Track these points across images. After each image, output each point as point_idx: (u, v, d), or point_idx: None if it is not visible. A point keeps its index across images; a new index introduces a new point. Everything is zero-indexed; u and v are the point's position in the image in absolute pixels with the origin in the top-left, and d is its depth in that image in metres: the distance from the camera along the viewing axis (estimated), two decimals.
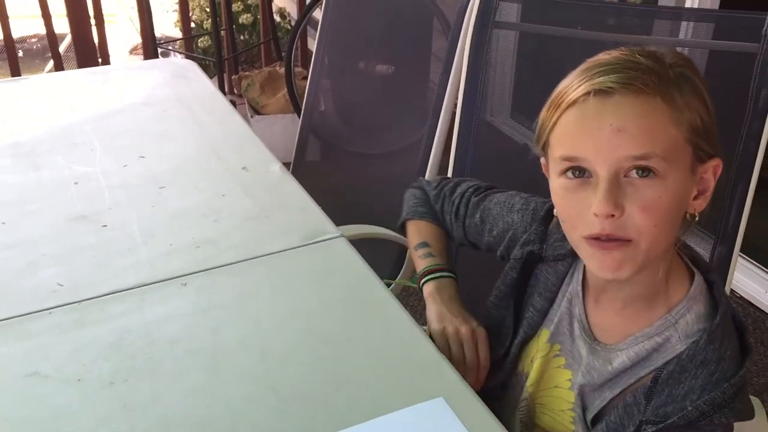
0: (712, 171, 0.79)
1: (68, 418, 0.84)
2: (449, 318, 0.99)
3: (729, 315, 0.83)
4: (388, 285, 1.10)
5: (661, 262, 0.82)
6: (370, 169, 2.55)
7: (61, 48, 4.10)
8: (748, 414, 0.81)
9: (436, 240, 1.12)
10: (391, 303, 1.02)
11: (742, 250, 2.36)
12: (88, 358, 0.92)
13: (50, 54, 3.38)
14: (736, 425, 0.80)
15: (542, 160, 0.86)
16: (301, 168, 2.35)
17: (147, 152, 1.43)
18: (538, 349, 0.95)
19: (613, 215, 0.74)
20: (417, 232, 1.14)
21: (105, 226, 1.20)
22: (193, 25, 4.09)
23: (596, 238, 0.77)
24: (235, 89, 3.65)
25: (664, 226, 0.76)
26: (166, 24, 4.47)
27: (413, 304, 2.39)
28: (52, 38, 3.37)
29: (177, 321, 0.99)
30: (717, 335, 0.79)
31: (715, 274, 0.87)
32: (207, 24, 3.80)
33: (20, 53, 5.03)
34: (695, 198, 0.79)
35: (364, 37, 2.67)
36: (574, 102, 0.76)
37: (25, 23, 4.55)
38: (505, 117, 3.39)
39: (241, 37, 4.05)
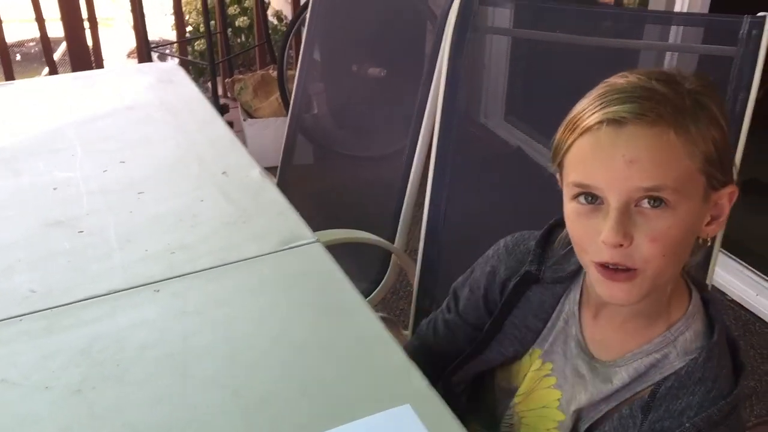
0: (727, 197, 0.78)
1: (33, 426, 0.84)
2: None
3: (724, 333, 0.83)
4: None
5: (669, 283, 0.82)
6: (363, 172, 2.54)
7: (59, 52, 4.12)
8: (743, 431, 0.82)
9: None
10: (363, 309, 1.02)
11: (735, 252, 2.36)
12: (56, 365, 0.92)
13: (52, 58, 3.39)
14: None
15: (557, 175, 0.86)
16: (288, 171, 2.35)
17: (128, 157, 1.43)
18: (530, 366, 0.95)
19: (621, 245, 0.75)
20: None
21: (81, 231, 1.20)
22: (190, 28, 4.10)
23: (605, 265, 0.77)
24: (228, 93, 3.65)
25: (672, 255, 0.76)
26: (165, 27, 4.48)
27: (403, 307, 2.39)
28: (46, 42, 3.37)
29: (148, 327, 0.99)
30: (714, 353, 0.80)
31: (711, 293, 0.87)
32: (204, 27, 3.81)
33: (18, 57, 5.04)
34: (708, 224, 0.79)
35: (355, 39, 2.67)
36: (588, 129, 0.75)
37: (25, 27, 4.55)
38: (498, 119, 3.40)
39: (238, 41, 4.06)
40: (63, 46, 3.96)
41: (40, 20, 3.30)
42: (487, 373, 1.02)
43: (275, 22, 4.06)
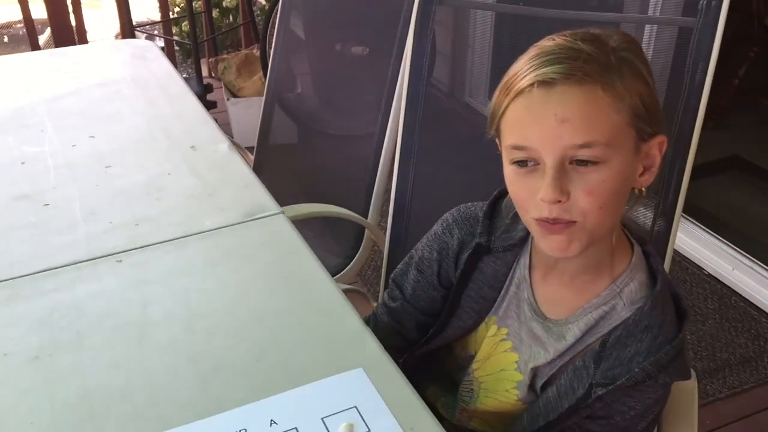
0: (657, 147, 0.81)
1: None
2: None
3: (667, 283, 0.87)
4: None
5: (610, 236, 0.85)
6: (344, 150, 2.54)
7: (45, 35, 4.10)
8: (687, 374, 0.86)
9: None
10: (322, 278, 1.03)
11: (712, 227, 2.38)
12: (16, 333, 0.93)
13: (36, 39, 3.38)
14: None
15: (496, 140, 0.87)
16: (265, 150, 2.35)
17: (97, 132, 1.43)
18: (486, 332, 0.97)
19: (559, 201, 0.77)
20: None
21: (47, 204, 1.20)
22: (178, 9, 4.08)
23: (545, 221, 0.80)
24: (212, 73, 3.64)
25: (608, 207, 0.79)
26: (153, 8, 4.45)
27: (369, 275, 2.40)
28: (29, 23, 3.36)
29: (108, 297, 1.00)
30: (659, 301, 0.84)
31: (650, 245, 0.91)
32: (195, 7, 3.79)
33: (5, 39, 5.01)
34: (641, 174, 0.81)
35: (338, 18, 2.66)
36: (521, 91, 0.78)
37: (13, 9, 4.52)
38: (483, 98, 3.39)
39: (226, 21, 4.05)
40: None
41: (22, 1, 3.28)
42: (445, 347, 1.04)
43: (263, 1, 4.05)
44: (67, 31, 3.41)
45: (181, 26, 3.96)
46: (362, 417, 0.80)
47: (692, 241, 2.44)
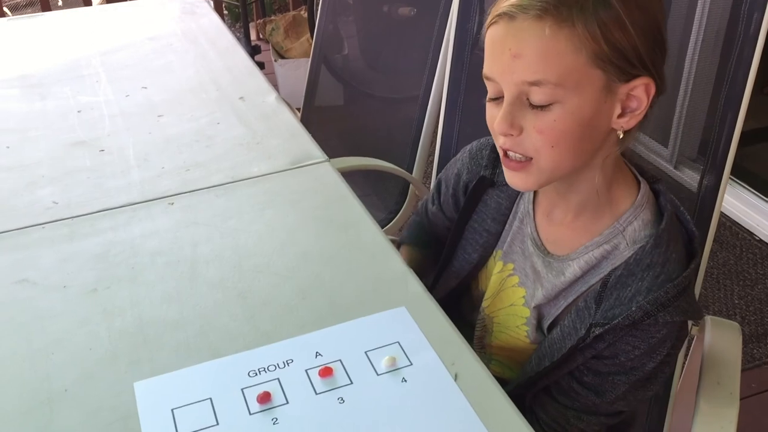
0: (642, 89, 0.77)
1: (51, 320, 0.89)
2: None
3: (675, 221, 0.85)
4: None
5: (595, 172, 0.83)
6: (391, 112, 2.55)
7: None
8: (695, 314, 0.84)
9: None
10: (366, 222, 1.05)
11: (764, 192, 2.33)
12: (74, 268, 0.98)
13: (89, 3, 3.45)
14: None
15: None
16: (311, 111, 2.37)
17: (149, 83, 1.47)
18: (494, 268, 0.98)
19: (511, 134, 0.78)
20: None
21: (102, 150, 1.24)
22: None
23: (504, 155, 0.81)
24: (260, 34, 3.67)
25: (562, 146, 0.78)
26: None
27: None
28: None
29: (161, 236, 1.03)
30: (663, 240, 0.82)
31: (662, 183, 0.88)
32: None
33: (60, 2, 5.11)
34: (620, 116, 0.78)
35: None
36: (490, 23, 0.78)
37: None
38: None
39: None
40: None
41: None
42: (463, 288, 1.05)
43: None
44: None
45: None
46: (404, 351, 0.82)
47: (743, 206, 2.39)
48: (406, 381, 0.79)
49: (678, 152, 2.00)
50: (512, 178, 0.83)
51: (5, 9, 3.56)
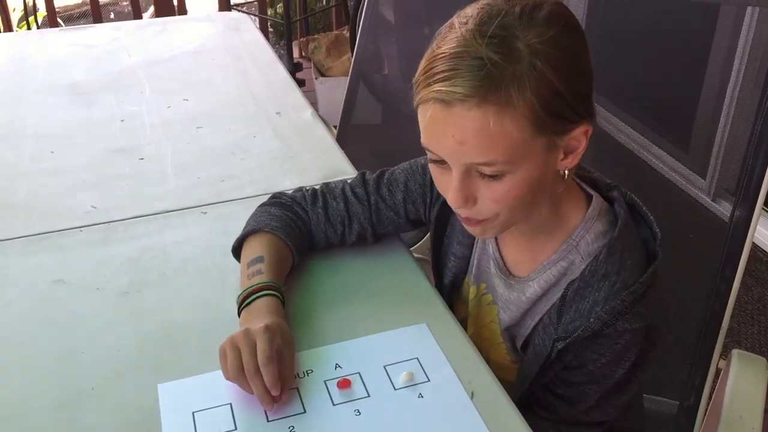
0: (582, 134, 0.77)
1: (83, 321, 0.92)
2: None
3: (632, 227, 0.85)
4: None
5: (542, 205, 0.84)
6: None
7: (148, 12, 4.29)
8: (656, 319, 0.83)
9: (275, 254, 0.94)
10: (394, 240, 1.06)
11: None
12: (108, 271, 1.01)
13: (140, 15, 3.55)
14: None
15: None
16: (347, 129, 2.40)
17: (190, 95, 1.51)
18: (468, 294, 0.98)
19: (466, 206, 0.78)
20: (259, 245, 0.94)
21: (142, 158, 1.28)
22: None
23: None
24: (303, 52, 3.73)
25: (518, 206, 0.79)
26: None
27: None
28: (135, 1, 3.54)
29: (193, 244, 1.06)
30: (616, 248, 0.82)
31: (617, 190, 0.87)
32: None
33: (112, 15, 5.27)
34: (563, 159, 0.78)
35: (427, 1, 2.69)
36: (422, 101, 0.75)
37: None
38: None
39: (319, 3, 4.13)
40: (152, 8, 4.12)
41: None
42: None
43: None
44: (169, 9, 3.56)
45: (276, 7, 4.06)
46: (423, 367, 0.83)
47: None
48: (422, 397, 0.80)
49: (716, 184, 1.98)
50: (472, 230, 0.84)
51: (59, 20, 3.69)
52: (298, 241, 0.97)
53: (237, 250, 0.98)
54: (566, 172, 0.80)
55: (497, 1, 0.75)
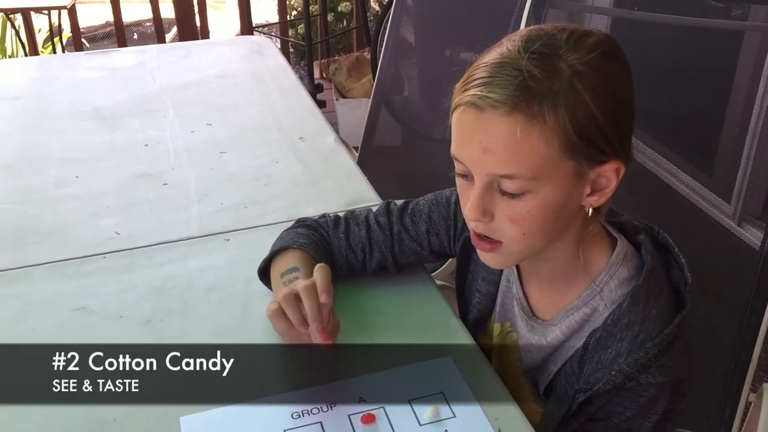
0: (613, 172, 0.76)
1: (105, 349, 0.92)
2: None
3: (657, 273, 0.82)
4: None
5: (565, 244, 0.82)
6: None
7: (171, 33, 4.35)
8: (683, 371, 0.80)
9: (309, 267, 0.92)
10: (419, 271, 1.05)
11: None
12: (131, 299, 1.01)
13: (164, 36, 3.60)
14: None
15: None
16: (369, 150, 2.40)
17: (214, 120, 1.52)
18: (493, 331, 0.96)
19: (483, 220, 0.77)
20: (291, 259, 0.95)
21: (165, 184, 1.29)
22: (294, 12, 4.23)
23: (474, 233, 0.80)
24: (324, 73, 3.75)
25: (534, 233, 0.77)
26: (271, 12, 4.63)
27: None
28: (158, 21, 3.58)
29: (216, 271, 1.06)
30: (640, 296, 0.79)
31: (645, 233, 0.85)
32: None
33: (135, 36, 5.34)
34: (590, 195, 0.77)
35: (449, 23, 2.70)
36: (457, 106, 0.75)
37: (142, 8, 4.81)
38: None
39: (340, 25, 4.16)
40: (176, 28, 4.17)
41: (153, 1, 3.50)
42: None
43: (377, 7, 4.13)
44: (192, 31, 3.60)
45: (297, 29, 4.10)
46: (448, 402, 0.82)
47: None
48: None
49: (741, 209, 1.96)
50: (483, 256, 0.82)
51: (83, 40, 3.74)
52: (327, 261, 0.96)
53: (264, 273, 0.97)
54: (590, 210, 0.78)
55: (548, 26, 0.75)
